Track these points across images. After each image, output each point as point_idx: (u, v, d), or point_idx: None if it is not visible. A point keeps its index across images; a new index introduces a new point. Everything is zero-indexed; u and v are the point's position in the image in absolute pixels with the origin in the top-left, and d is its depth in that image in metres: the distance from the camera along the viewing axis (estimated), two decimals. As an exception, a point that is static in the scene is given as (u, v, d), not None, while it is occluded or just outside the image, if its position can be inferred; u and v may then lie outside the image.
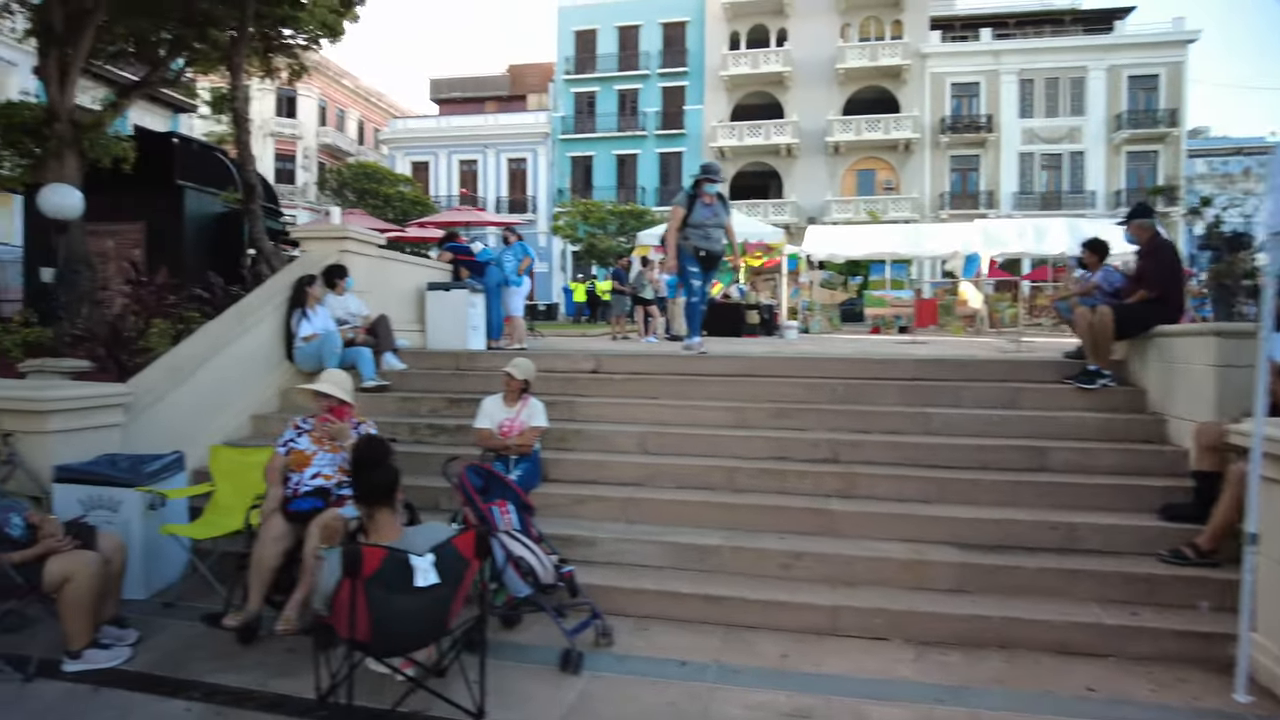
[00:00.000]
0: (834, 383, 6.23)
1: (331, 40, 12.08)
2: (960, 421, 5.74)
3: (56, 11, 10.22)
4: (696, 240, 7.66)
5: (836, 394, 6.14)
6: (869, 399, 6.09)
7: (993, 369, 6.57)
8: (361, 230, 7.90)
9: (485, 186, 38.80)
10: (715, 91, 37.03)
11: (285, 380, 6.83)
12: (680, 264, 7.79)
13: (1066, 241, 18.72)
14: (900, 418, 5.85)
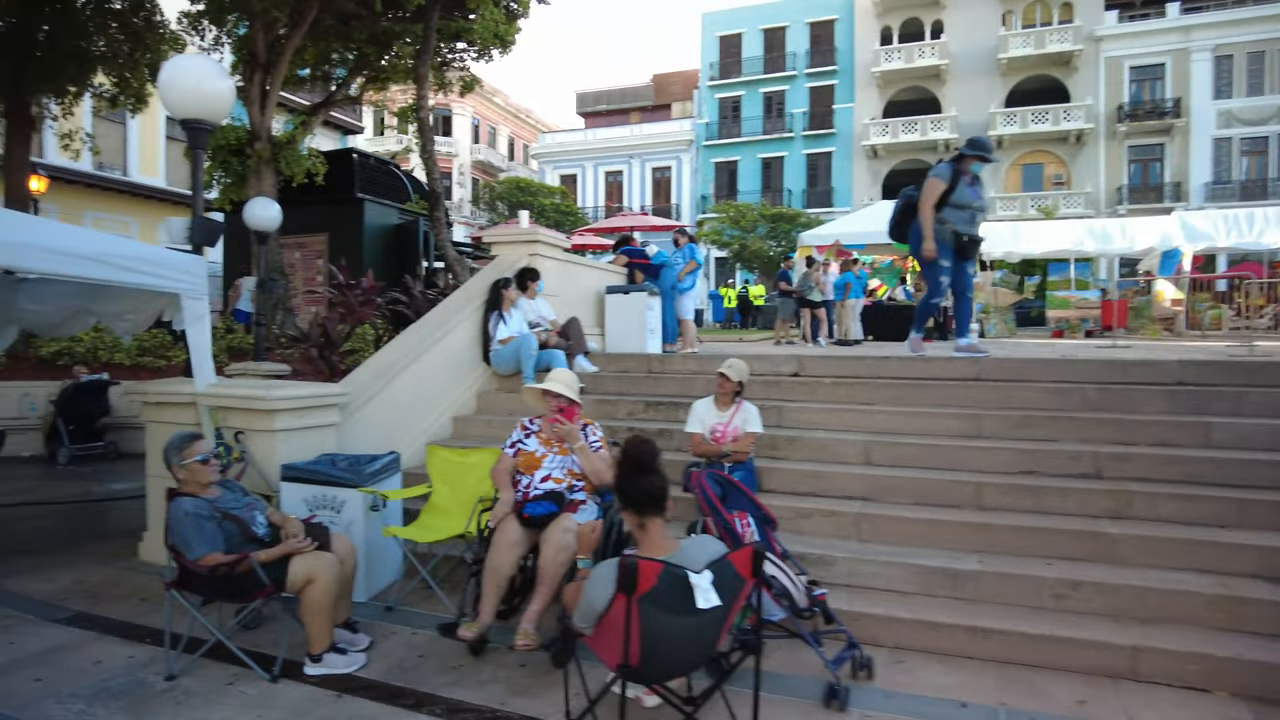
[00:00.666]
0: (1084, 388, 5.46)
1: (501, 51, 12.30)
2: (1249, 433, 4.86)
3: (260, 40, 10.90)
4: (958, 223, 6.29)
5: (1089, 400, 5.38)
6: (1129, 406, 5.29)
7: (1273, 373, 5.59)
8: (550, 233, 7.81)
9: (630, 196, 39.09)
10: (866, 89, 35.63)
11: (482, 382, 6.80)
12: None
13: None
14: (1170, 428, 5.03)
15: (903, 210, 6.63)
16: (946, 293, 6.45)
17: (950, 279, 6.49)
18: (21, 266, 3.99)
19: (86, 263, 4.28)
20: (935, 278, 6.39)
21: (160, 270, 4.69)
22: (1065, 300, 19.29)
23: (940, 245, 6.33)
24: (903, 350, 7.03)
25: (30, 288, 5.53)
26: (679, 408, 6.02)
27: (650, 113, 41.66)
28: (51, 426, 9.56)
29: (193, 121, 5.18)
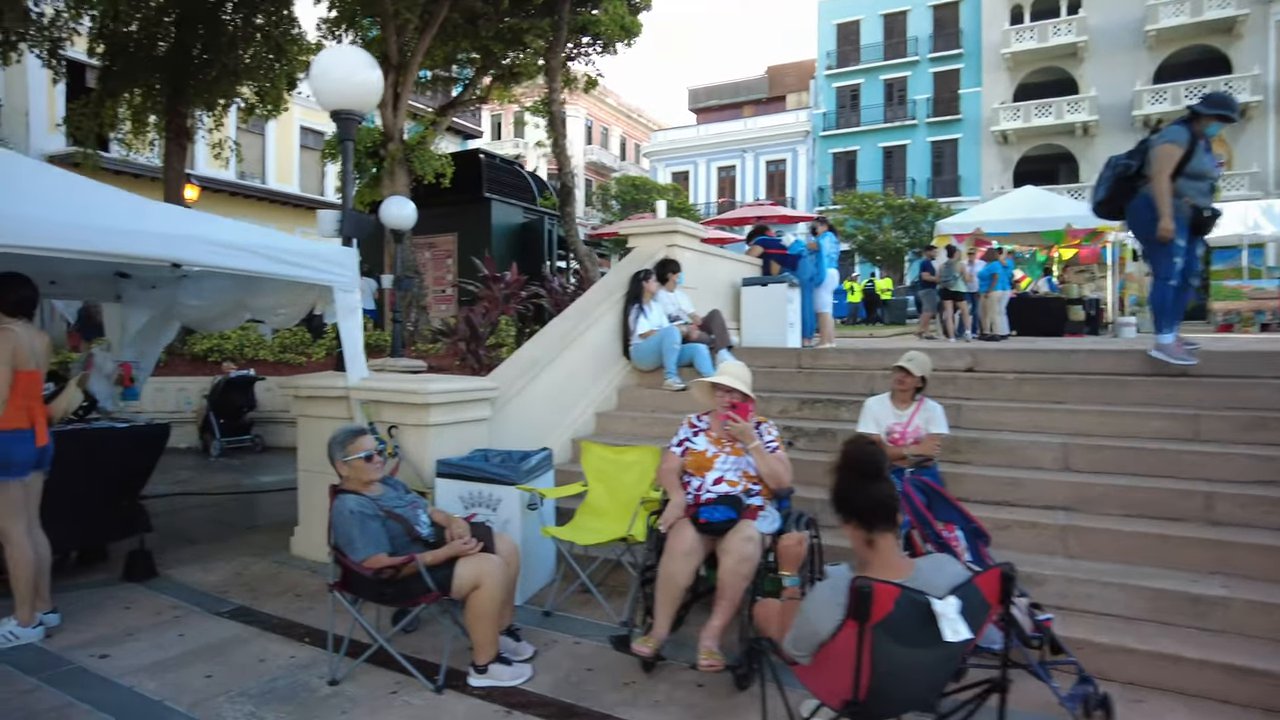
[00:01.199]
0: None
1: (626, 43, 12.10)
2: None
3: (393, 43, 11.09)
4: (1195, 196, 5.27)
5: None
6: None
7: None
8: (689, 224, 7.49)
9: (743, 190, 38.40)
10: (995, 72, 33.63)
11: (623, 378, 6.54)
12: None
13: None
14: None
15: (1115, 181, 5.54)
16: (1180, 277, 5.32)
17: (1185, 260, 5.40)
18: (189, 259, 3.97)
19: (247, 255, 4.25)
20: (1169, 259, 5.32)
21: (314, 263, 4.63)
22: (1236, 291, 17.46)
23: (1175, 221, 5.25)
24: (1083, 344, 6.31)
25: (190, 284, 5.65)
26: (837, 405, 5.57)
27: (764, 106, 40.83)
28: (204, 420, 9.99)
29: (343, 112, 5.13)
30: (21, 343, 3.69)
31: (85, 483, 4.51)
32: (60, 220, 3.55)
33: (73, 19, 10.84)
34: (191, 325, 6.56)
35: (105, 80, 11.63)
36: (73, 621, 4.07)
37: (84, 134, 12.24)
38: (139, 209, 4.10)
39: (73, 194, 3.83)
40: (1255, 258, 20.35)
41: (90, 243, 3.63)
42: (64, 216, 3.59)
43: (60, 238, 3.54)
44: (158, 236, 3.91)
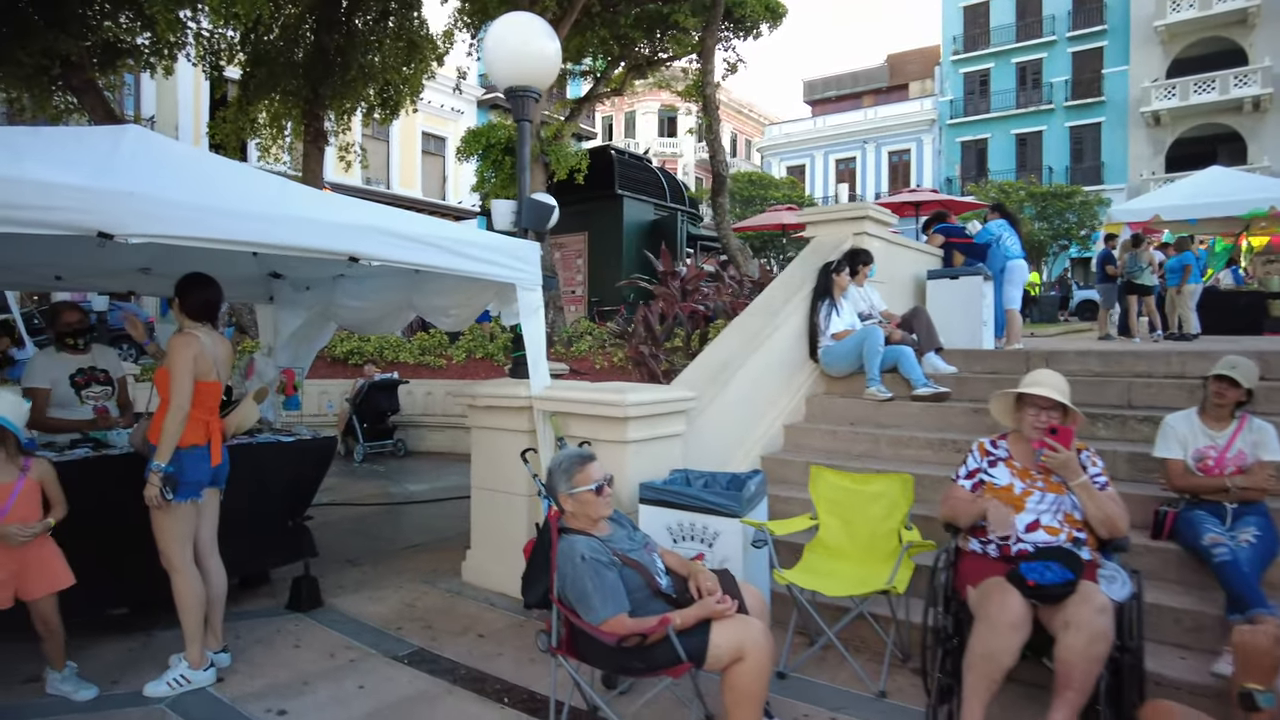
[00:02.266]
0: None
1: (772, 25, 11.30)
2: None
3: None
4: None
5: None
6: None
7: None
8: (879, 209, 6.63)
9: (864, 183, 36.78)
10: (1145, 47, 30.85)
11: (811, 385, 5.76)
12: None
13: None
14: None
15: None
16: None
17: None
18: (368, 253, 3.47)
19: (428, 249, 3.73)
20: None
21: (497, 257, 4.09)
22: None
23: None
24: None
25: (349, 284, 5.25)
26: (1093, 421, 4.60)
27: (884, 95, 39.02)
28: (348, 424, 9.82)
29: (519, 89, 4.58)
30: (205, 351, 3.27)
31: (251, 502, 4.10)
32: (236, 210, 3.10)
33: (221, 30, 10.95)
34: (350, 327, 6.20)
35: (246, 87, 11.74)
36: (242, 661, 3.64)
37: (227, 141, 12.43)
38: (314, 199, 3.64)
39: (240, 182, 3.39)
40: None
41: (271, 235, 3.16)
42: (241, 206, 3.13)
43: (239, 230, 3.09)
44: (336, 227, 3.42)
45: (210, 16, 9.31)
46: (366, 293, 5.13)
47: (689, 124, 40.30)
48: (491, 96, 25.55)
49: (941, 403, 5.22)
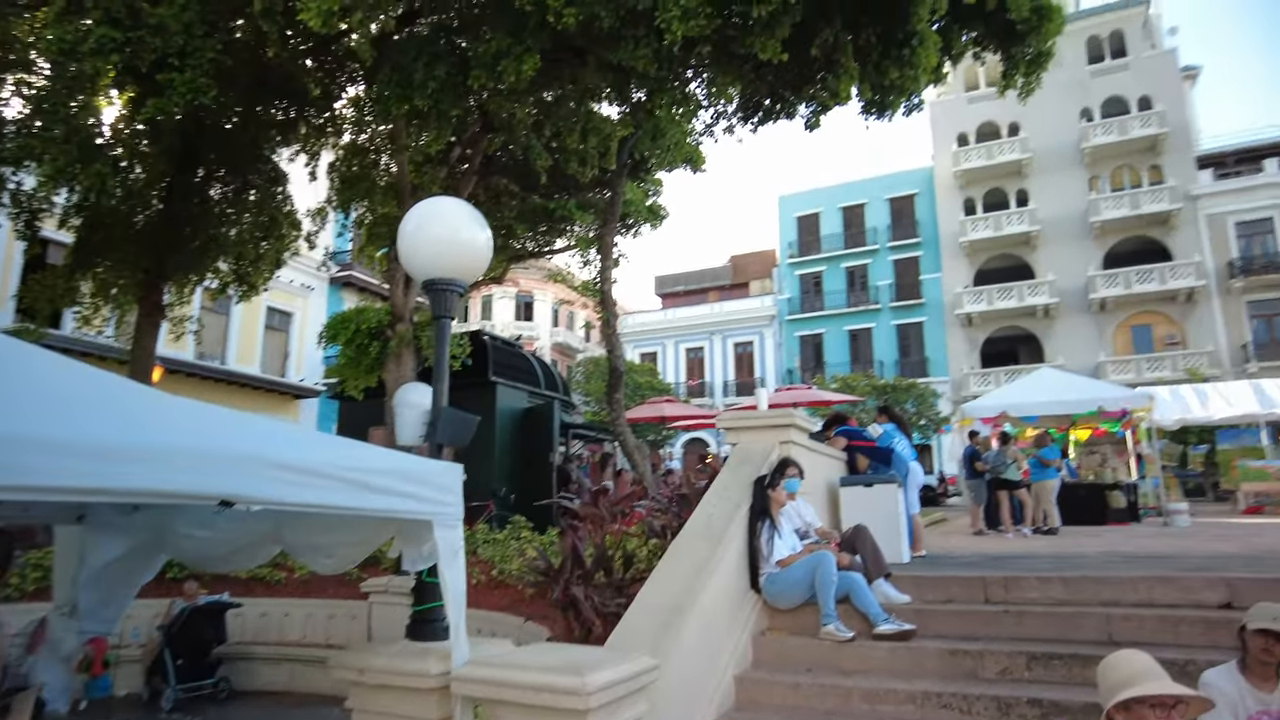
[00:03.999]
0: None
1: (652, 225, 11.48)
2: None
3: (408, 217, 10.17)
4: None
5: None
6: None
7: None
8: (804, 414, 6.26)
9: (712, 371, 38.28)
10: (954, 258, 35.08)
11: (754, 620, 4.99)
12: None
13: None
14: None
15: None
16: None
17: None
18: (248, 494, 2.50)
19: (326, 484, 2.79)
20: None
21: (411, 487, 3.18)
22: (1262, 471, 16.84)
23: None
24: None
25: (196, 506, 4.08)
26: (1085, 663, 4.10)
27: (728, 291, 41.74)
28: (156, 659, 7.90)
29: (442, 282, 3.89)
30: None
31: None
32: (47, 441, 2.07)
33: (50, 193, 9.68)
34: (191, 563, 4.87)
35: (78, 252, 10.33)
36: None
37: (40, 308, 10.77)
38: (174, 414, 2.66)
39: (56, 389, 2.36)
40: (1250, 437, 20.13)
41: (108, 477, 2.14)
42: (55, 434, 2.11)
43: (50, 471, 2.05)
44: (207, 459, 2.44)
45: (42, 180, 8.16)
46: (219, 520, 3.97)
47: (545, 309, 40.98)
48: (345, 274, 24.69)
49: (908, 642, 4.59)
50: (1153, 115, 32.56)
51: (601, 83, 7.15)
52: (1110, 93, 34.00)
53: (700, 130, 8.47)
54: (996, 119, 35.48)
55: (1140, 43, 34.28)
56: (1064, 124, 33.37)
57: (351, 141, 11.12)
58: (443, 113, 6.53)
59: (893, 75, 5.91)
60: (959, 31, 6.21)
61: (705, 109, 7.76)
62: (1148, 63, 33.76)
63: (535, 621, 5.01)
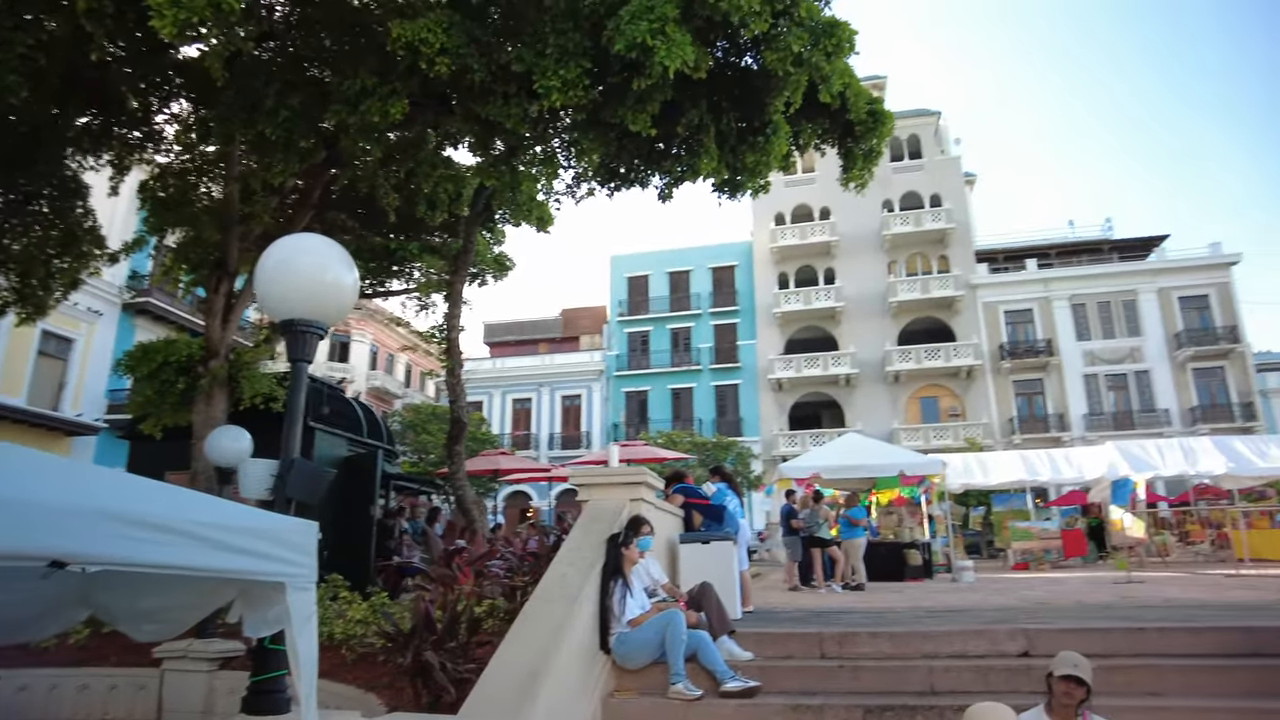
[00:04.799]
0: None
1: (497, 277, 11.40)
2: None
3: (233, 246, 9.50)
4: None
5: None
6: None
7: None
8: (653, 474, 6.37)
9: (539, 423, 38.08)
10: (768, 327, 37.46)
11: (603, 682, 4.94)
12: None
13: (1221, 461, 17.37)
14: None
15: None
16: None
17: None
18: (87, 554, 2.20)
19: (176, 541, 2.51)
20: None
21: (262, 545, 2.91)
22: (1027, 531, 19.06)
23: None
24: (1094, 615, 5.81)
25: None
26: (913, 713, 4.43)
27: (558, 344, 41.96)
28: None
29: (301, 324, 3.65)
30: None
31: None
32: None
33: None
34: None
35: None
36: None
37: None
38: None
39: None
40: (1019, 501, 22.84)
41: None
42: None
43: None
44: (15, 510, 2.12)
45: None
46: (12, 581, 3.43)
47: (363, 351, 39.12)
48: (142, 300, 22.36)
49: (753, 698, 4.73)
50: (942, 211, 36.85)
51: (465, 131, 7.11)
52: (908, 188, 38.15)
53: (562, 190, 8.63)
54: (810, 202, 38.72)
55: (933, 147, 38.90)
56: (868, 213, 36.90)
57: (170, 163, 10.22)
58: (292, 143, 6.20)
59: (748, 159, 6.38)
60: (807, 125, 6.82)
61: (567, 169, 7.92)
62: (938, 165, 38.33)
63: (376, 692, 4.66)
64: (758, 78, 6.17)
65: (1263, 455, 17.52)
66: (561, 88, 5.40)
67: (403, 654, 4.27)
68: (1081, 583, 12.24)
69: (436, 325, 11.09)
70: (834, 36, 5.85)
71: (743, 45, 6.18)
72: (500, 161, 7.31)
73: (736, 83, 6.36)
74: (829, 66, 5.90)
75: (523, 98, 5.87)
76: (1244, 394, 32.74)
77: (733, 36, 6.04)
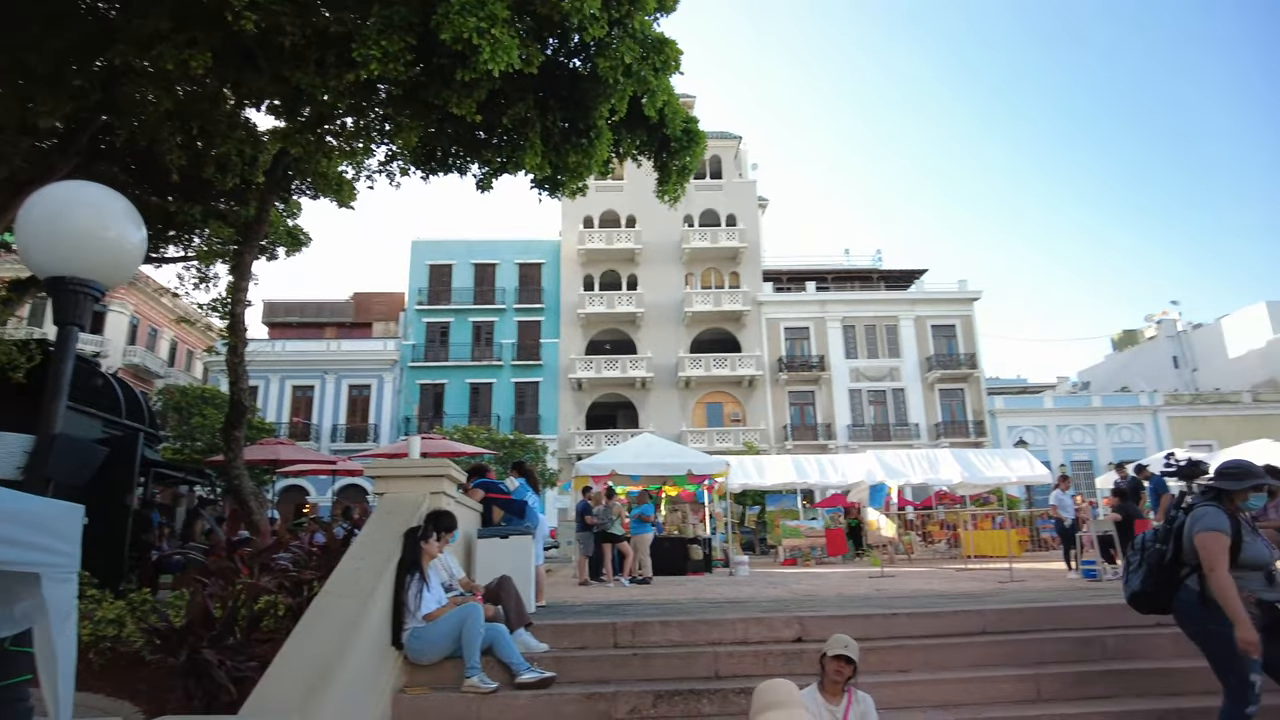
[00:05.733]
0: (1104, 636, 5.34)
1: (289, 251, 10.62)
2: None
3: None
4: (1257, 588, 3.99)
5: (1110, 649, 5.26)
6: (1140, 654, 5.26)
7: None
8: (457, 467, 6.23)
9: (321, 413, 35.72)
10: (571, 327, 37.85)
11: (393, 679, 4.79)
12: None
13: (958, 471, 19.93)
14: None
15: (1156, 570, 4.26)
16: (1258, 700, 3.82)
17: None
18: None
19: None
20: (1244, 680, 3.81)
21: (18, 532, 2.58)
22: (796, 530, 20.70)
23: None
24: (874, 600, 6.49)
25: None
26: (698, 697, 4.72)
27: (348, 330, 39.64)
28: None
29: (75, 282, 3.24)
30: None
31: None
32: None
33: None
34: None
35: None
36: None
37: None
38: None
39: None
40: (790, 501, 24.76)
41: None
42: None
43: None
44: None
45: None
46: None
47: (120, 323, 34.82)
48: None
49: (548, 689, 4.81)
50: (736, 231, 39.17)
51: (270, 93, 6.54)
52: (707, 205, 40.17)
53: (375, 168, 8.13)
54: (618, 209, 39.67)
55: (732, 169, 41.26)
56: (671, 225, 38.40)
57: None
58: (63, 80, 5.36)
59: (571, 159, 6.45)
60: (628, 135, 7.01)
61: (380, 146, 7.52)
62: (736, 187, 40.73)
63: (134, 699, 4.19)
64: (587, 82, 6.27)
65: (989, 466, 20.37)
66: (382, 59, 5.16)
67: (175, 653, 3.88)
68: (842, 577, 13.51)
69: (218, 298, 10.08)
70: (663, 53, 6.10)
71: (574, 47, 6.25)
72: (306, 129, 6.82)
73: (566, 84, 6.43)
74: (655, 81, 6.13)
75: (340, 67, 5.53)
76: (978, 413, 37.69)
77: (564, 37, 6.11)
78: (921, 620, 5.61)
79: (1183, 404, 38.71)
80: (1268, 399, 38.29)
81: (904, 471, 20.08)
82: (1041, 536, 21.39)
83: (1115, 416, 38.41)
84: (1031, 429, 37.33)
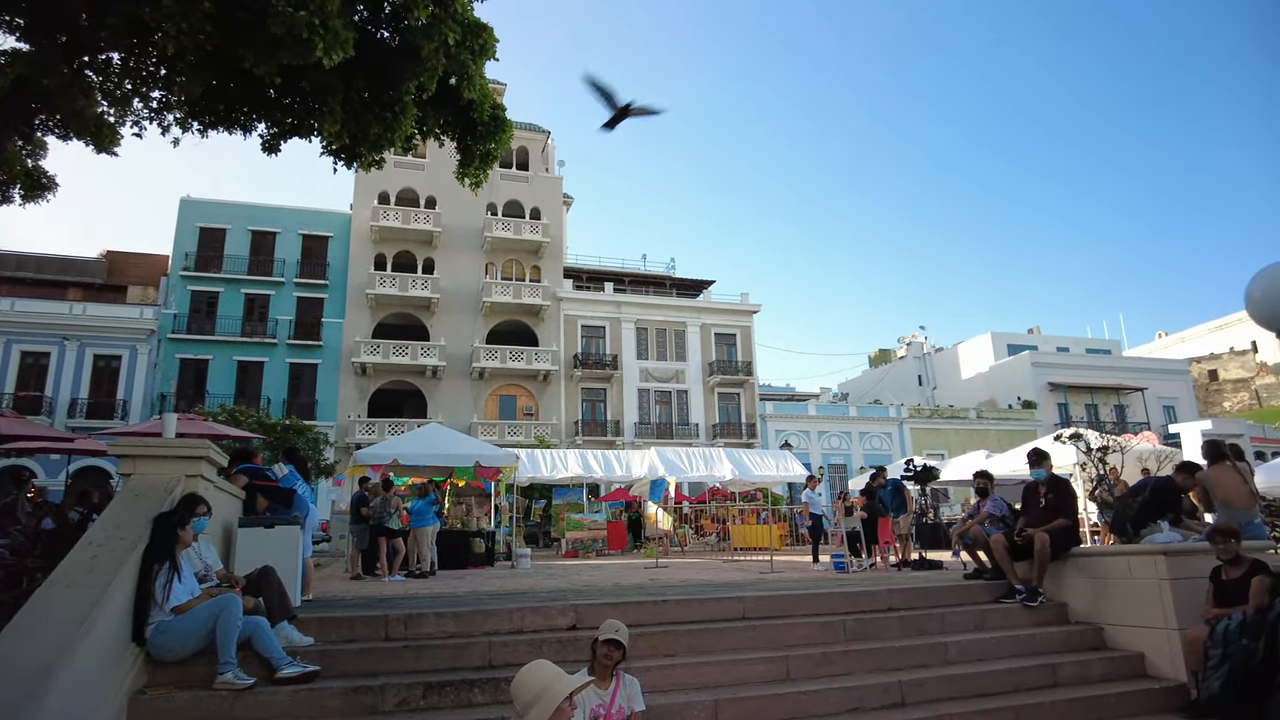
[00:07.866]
0: (841, 619, 5.99)
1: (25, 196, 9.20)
2: (972, 648, 5.89)
3: None
4: None
5: (850, 631, 5.90)
6: (874, 635, 5.97)
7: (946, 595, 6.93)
8: (218, 450, 5.72)
9: (58, 385, 31.09)
10: (358, 308, 35.90)
11: (131, 678, 4.34)
12: None
13: (730, 469, 21.32)
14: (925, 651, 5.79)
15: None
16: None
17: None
18: None
19: None
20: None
21: None
22: (580, 523, 21.10)
23: None
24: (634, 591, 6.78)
25: None
26: (470, 687, 4.73)
27: (97, 292, 34.82)
28: None
29: None
30: None
31: None
32: None
33: None
34: None
35: None
36: None
37: None
38: None
39: None
40: (576, 495, 25.19)
41: None
42: None
43: None
44: None
45: None
46: None
47: None
48: None
49: (311, 684, 4.59)
50: (540, 225, 39.11)
51: (16, 9, 5.55)
52: (512, 196, 39.78)
53: (145, 114, 7.13)
54: (417, 188, 38.19)
55: (539, 163, 41.17)
56: (473, 212, 37.63)
57: None
58: None
59: (373, 131, 6.14)
60: (433, 114, 6.80)
61: (153, 90, 6.65)
62: (542, 181, 40.69)
63: None
64: (397, 56, 6.02)
65: (758, 466, 21.96)
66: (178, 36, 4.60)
67: None
68: (620, 568, 13.99)
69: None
70: (481, 38, 6.01)
71: (384, 18, 5.98)
72: (61, 58, 5.91)
73: (375, 55, 6.12)
74: (474, 65, 6.03)
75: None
76: (750, 416, 40.40)
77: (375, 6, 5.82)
78: (689, 607, 5.98)
79: (923, 417, 43.91)
80: (988, 415, 44.43)
81: (683, 468, 21.14)
82: (800, 531, 23.41)
83: (868, 425, 42.77)
84: (796, 433, 40.68)
